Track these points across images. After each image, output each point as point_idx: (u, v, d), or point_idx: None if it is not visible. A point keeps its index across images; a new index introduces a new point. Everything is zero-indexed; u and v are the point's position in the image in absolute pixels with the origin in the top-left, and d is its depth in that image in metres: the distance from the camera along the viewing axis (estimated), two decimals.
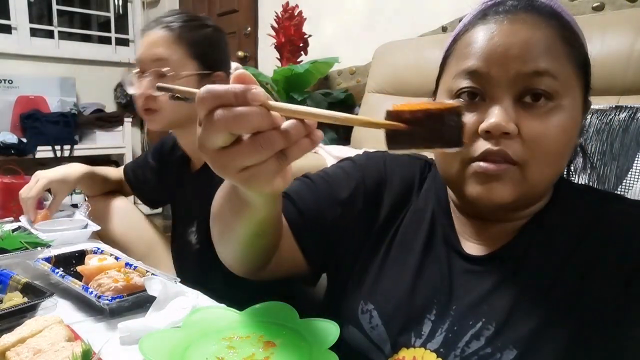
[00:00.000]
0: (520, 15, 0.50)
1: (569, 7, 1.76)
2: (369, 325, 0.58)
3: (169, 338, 0.55)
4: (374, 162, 0.68)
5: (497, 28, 0.50)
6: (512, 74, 0.49)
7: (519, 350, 0.49)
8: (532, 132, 0.48)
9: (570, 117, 0.50)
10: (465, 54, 0.52)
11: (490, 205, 0.51)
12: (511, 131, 0.48)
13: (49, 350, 0.53)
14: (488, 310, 0.52)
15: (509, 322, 0.51)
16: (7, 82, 3.45)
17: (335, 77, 2.73)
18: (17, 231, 1.01)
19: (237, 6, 3.41)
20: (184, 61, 0.97)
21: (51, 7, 3.84)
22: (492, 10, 0.52)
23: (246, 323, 0.59)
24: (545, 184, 0.52)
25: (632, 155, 1.12)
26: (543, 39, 0.49)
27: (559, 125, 0.49)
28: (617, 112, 1.20)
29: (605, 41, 1.45)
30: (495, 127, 0.47)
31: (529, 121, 0.49)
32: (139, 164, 1.29)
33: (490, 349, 0.50)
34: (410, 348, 0.55)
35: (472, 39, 0.52)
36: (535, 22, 0.50)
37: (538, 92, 0.48)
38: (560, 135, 0.49)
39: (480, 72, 0.50)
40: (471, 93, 0.51)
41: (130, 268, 0.80)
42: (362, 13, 2.56)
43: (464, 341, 0.52)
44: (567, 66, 0.50)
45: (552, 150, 0.49)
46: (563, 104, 0.49)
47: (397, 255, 0.62)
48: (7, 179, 1.23)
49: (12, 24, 3.66)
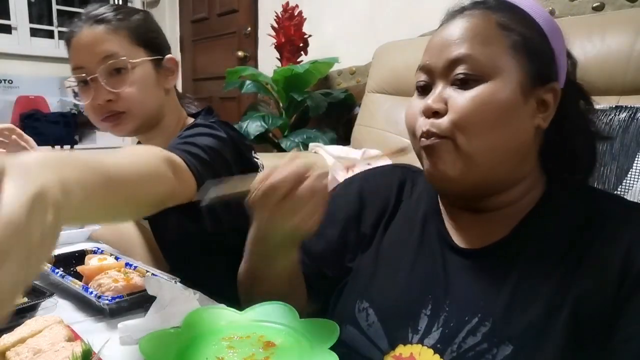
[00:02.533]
0: (467, 12, 0.58)
1: (569, 7, 1.76)
2: (365, 323, 0.59)
3: (169, 338, 0.55)
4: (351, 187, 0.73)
5: (445, 27, 0.58)
6: (443, 61, 0.56)
7: (515, 345, 0.49)
8: (454, 105, 0.54)
9: (497, 93, 0.53)
10: (423, 54, 0.60)
11: (440, 179, 0.57)
12: (439, 109, 0.55)
13: (49, 350, 0.53)
14: (484, 306, 0.53)
15: (505, 318, 0.51)
16: (7, 82, 3.46)
17: (335, 77, 2.73)
18: None
19: (237, 6, 3.41)
20: (132, 50, 0.88)
21: (51, 7, 3.84)
22: (450, 15, 0.60)
23: (246, 323, 0.59)
24: (487, 156, 0.54)
25: (632, 155, 1.12)
26: (472, 26, 0.55)
27: (479, 98, 0.53)
28: (617, 112, 1.20)
29: (605, 41, 1.45)
30: (426, 108, 0.55)
31: (455, 98, 0.55)
32: None
33: (487, 344, 0.51)
34: (408, 344, 0.56)
35: (429, 41, 0.60)
36: (474, 15, 0.57)
37: (460, 74, 0.54)
38: (480, 107, 0.53)
39: (425, 66, 0.58)
40: (424, 85, 0.59)
41: (130, 268, 0.80)
42: (362, 13, 2.56)
43: (461, 337, 0.53)
44: (499, 49, 0.54)
45: (476, 120, 0.53)
46: (490, 81, 0.54)
47: (391, 255, 0.64)
48: None
49: (12, 24, 3.67)
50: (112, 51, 0.86)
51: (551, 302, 0.50)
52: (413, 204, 0.67)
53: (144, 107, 0.89)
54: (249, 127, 2.42)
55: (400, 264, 0.62)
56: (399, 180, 0.71)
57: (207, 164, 0.73)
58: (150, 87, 0.89)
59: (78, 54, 0.87)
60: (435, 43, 0.58)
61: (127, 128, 0.91)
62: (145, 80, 0.88)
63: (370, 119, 2.20)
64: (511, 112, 0.54)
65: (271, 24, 2.62)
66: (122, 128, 0.91)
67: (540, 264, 0.53)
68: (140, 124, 0.91)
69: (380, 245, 0.66)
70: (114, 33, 0.87)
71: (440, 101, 0.55)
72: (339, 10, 2.68)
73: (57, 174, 0.36)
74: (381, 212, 0.68)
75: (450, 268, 0.58)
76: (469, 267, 0.57)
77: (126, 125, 0.90)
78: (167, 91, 0.94)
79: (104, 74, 0.86)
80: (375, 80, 2.23)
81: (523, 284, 0.53)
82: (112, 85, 0.86)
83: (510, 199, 0.58)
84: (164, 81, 0.93)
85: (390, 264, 0.63)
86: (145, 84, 0.88)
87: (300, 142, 2.37)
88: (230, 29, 3.51)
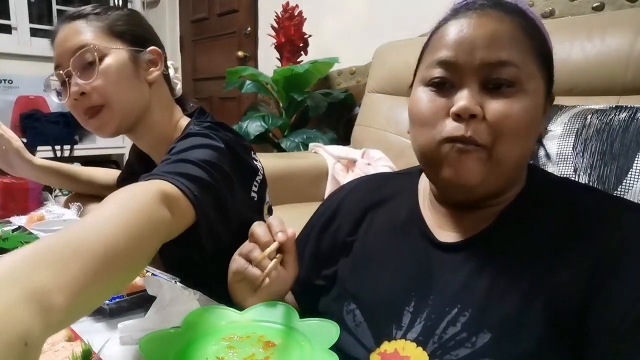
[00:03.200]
0: (487, 11, 0.55)
1: (569, 7, 1.77)
2: (353, 323, 0.61)
3: (169, 338, 0.55)
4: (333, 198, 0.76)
5: (466, 22, 0.55)
6: (478, 61, 0.53)
7: (493, 333, 0.50)
8: (496, 113, 0.52)
9: (532, 101, 0.54)
10: (438, 46, 0.57)
11: (461, 185, 0.55)
12: (477, 113, 0.52)
13: (49, 350, 0.53)
14: (464, 297, 0.54)
15: (483, 308, 0.52)
16: (7, 82, 3.46)
17: (335, 77, 2.73)
18: (17, 231, 1.01)
19: (237, 6, 3.41)
20: (106, 40, 0.85)
21: (51, 7, 3.84)
22: (463, 8, 0.57)
23: (246, 323, 0.59)
24: (512, 165, 0.54)
25: (632, 155, 1.12)
26: (507, 31, 0.54)
27: (521, 107, 0.52)
28: (617, 112, 1.20)
29: (605, 41, 1.45)
30: (464, 109, 0.52)
31: (493, 104, 0.53)
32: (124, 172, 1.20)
33: (466, 333, 0.52)
34: (392, 340, 0.57)
35: (444, 33, 0.57)
36: (500, 17, 0.55)
37: (501, 79, 0.53)
38: (522, 116, 0.52)
39: (449, 61, 0.55)
40: (442, 80, 0.56)
41: None
42: (362, 13, 2.57)
43: (441, 328, 0.54)
44: (530, 57, 0.54)
45: (514, 130, 0.52)
46: (525, 89, 0.53)
47: (375, 257, 0.65)
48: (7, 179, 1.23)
49: (12, 24, 3.67)
50: (84, 42, 0.83)
51: (528, 291, 0.51)
52: (394, 207, 0.68)
53: (121, 98, 0.85)
54: (249, 127, 2.42)
55: (384, 265, 0.63)
56: (378, 187, 0.72)
57: (205, 186, 0.70)
58: (126, 78, 0.85)
59: (56, 52, 0.87)
60: (461, 38, 0.54)
61: (109, 125, 0.87)
62: (120, 70, 0.84)
63: (370, 119, 2.20)
64: (538, 122, 0.55)
65: (271, 24, 2.62)
66: (104, 125, 0.87)
67: (519, 254, 0.54)
68: (121, 118, 0.87)
69: (363, 248, 0.67)
70: (88, 26, 0.85)
71: (477, 104, 0.52)
72: (339, 10, 2.68)
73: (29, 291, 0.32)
74: (359, 218, 0.70)
75: (433, 264, 0.59)
76: (450, 261, 0.58)
77: (107, 120, 0.86)
78: (151, 84, 0.90)
79: (77, 67, 0.83)
80: (375, 80, 2.23)
81: (501, 274, 0.54)
82: (84, 77, 0.83)
83: (510, 196, 0.59)
84: (145, 73, 0.89)
85: (375, 265, 0.64)
86: (119, 75, 0.84)
87: (300, 142, 2.38)
88: (230, 29, 3.51)
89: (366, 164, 1.98)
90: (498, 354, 0.49)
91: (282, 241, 0.60)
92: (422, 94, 0.57)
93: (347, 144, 2.29)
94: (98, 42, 0.83)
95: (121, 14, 0.90)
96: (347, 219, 0.71)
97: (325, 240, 0.72)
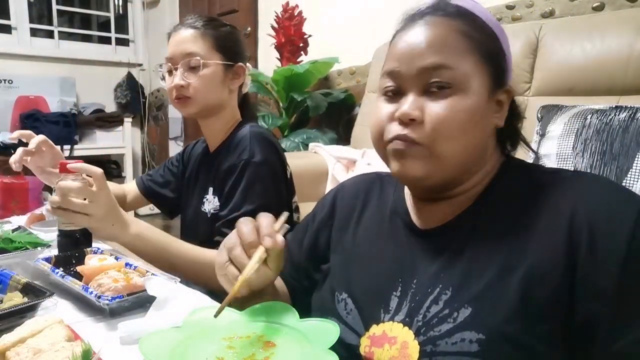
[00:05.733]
0: (428, 18, 0.60)
1: (569, 7, 1.77)
2: (345, 312, 0.65)
3: (169, 338, 0.55)
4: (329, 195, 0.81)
5: (410, 33, 0.60)
6: (416, 69, 0.58)
7: (473, 308, 0.54)
8: (432, 114, 0.57)
9: (471, 99, 0.57)
10: (388, 58, 0.63)
11: (406, 179, 0.62)
12: (416, 117, 0.57)
13: (49, 350, 0.53)
14: (445, 277, 0.58)
15: (463, 285, 0.56)
16: (7, 82, 3.45)
17: (335, 77, 2.73)
18: (17, 231, 1.01)
19: (237, 6, 3.41)
20: (210, 54, 1.12)
21: (51, 7, 3.84)
22: (409, 19, 0.63)
23: (246, 323, 0.60)
24: (456, 159, 0.58)
25: (632, 155, 1.12)
26: (440, 35, 0.58)
27: (457, 106, 0.57)
28: (617, 112, 1.20)
29: (605, 41, 1.45)
30: (403, 114, 0.58)
31: (431, 107, 0.57)
32: (157, 170, 1.38)
33: (448, 310, 0.55)
34: (380, 324, 0.60)
35: (393, 45, 0.63)
36: (437, 22, 0.59)
37: (437, 82, 0.57)
38: (458, 115, 0.56)
39: (394, 72, 0.60)
40: (392, 90, 0.61)
41: (130, 268, 0.80)
42: (362, 13, 2.57)
43: (425, 307, 0.58)
44: (467, 57, 0.58)
45: (451, 128, 0.57)
46: (462, 88, 0.57)
47: (364, 249, 0.70)
48: (7, 179, 1.23)
49: (12, 24, 3.67)
50: (193, 51, 1.10)
51: (504, 266, 0.55)
52: (382, 202, 0.73)
53: (206, 97, 1.12)
54: None
55: (372, 256, 0.68)
56: (368, 185, 0.77)
57: None
58: (214, 84, 1.12)
59: (171, 48, 1.13)
60: (403, 49, 0.60)
61: (189, 110, 1.14)
62: (212, 77, 1.12)
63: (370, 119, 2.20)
64: (480, 117, 0.59)
65: (271, 24, 2.62)
66: (186, 109, 1.14)
67: (493, 234, 0.58)
68: (200, 109, 1.14)
69: (353, 242, 0.71)
70: (199, 38, 1.11)
71: (416, 109, 0.57)
72: (339, 10, 2.68)
73: None
74: (349, 214, 0.74)
75: (416, 251, 0.64)
76: (430, 246, 0.62)
77: (189, 107, 1.13)
78: (230, 91, 1.17)
79: (185, 66, 1.10)
80: (375, 80, 2.23)
81: (478, 254, 0.58)
82: (187, 76, 1.10)
83: (471, 185, 0.63)
84: (230, 82, 1.16)
85: (364, 256, 0.69)
86: (211, 81, 1.11)
87: (300, 142, 2.37)
88: None
89: (366, 164, 1.98)
90: (478, 326, 0.53)
91: (268, 247, 0.59)
92: (378, 103, 0.63)
93: (347, 144, 2.29)
94: (204, 54, 1.11)
95: (226, 31, 1.17)
96: (340, 216, 0.76)
97: (322, 236, 0.76)
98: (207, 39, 1.12)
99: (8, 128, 3.31)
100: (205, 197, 1.16)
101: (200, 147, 1.30)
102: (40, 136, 1.15)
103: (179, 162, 1.35)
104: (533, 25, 1.67)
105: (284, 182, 1.14)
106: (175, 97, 1.14)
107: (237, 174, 1.06)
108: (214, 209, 1.13)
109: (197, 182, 1.24)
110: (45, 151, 1.14)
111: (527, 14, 1.91)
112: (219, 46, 1.13)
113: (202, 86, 1.11)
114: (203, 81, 1.10)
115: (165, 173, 1.36)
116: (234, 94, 1.20)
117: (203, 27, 1.12)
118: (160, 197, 1.35)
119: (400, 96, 0.60)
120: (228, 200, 1.07)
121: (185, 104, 1.13)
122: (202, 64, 1.10)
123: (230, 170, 1.07)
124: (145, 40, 4.36)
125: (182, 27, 1.13)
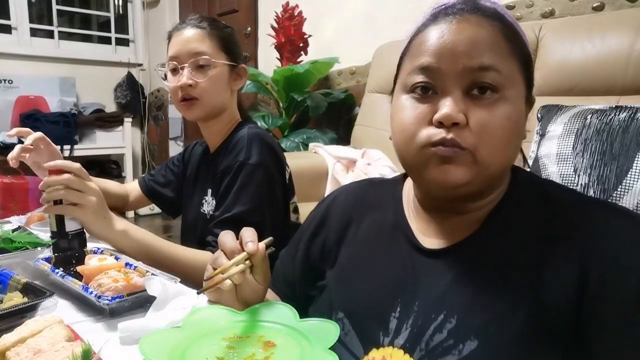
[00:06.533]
0: (466, 16, 0.55)
1: (569, 7, 1.77)
2: (342, 332, 0.60)
3: (169, 338, 0.55)
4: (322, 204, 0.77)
5: (447, 27, 0.55)
6: (460, 68, 0.53)
7: (479, 340, 0.51)
8: (479, 120, 0.53)
9: (514, 107, 0.54)
10: (419, 52, 0.57)
11: (447, 186, 0.55)
12: (460, 121, 0.52)
13: (49, 350, 0.53)
14: (450, 303, 0.54)
15: (469, 314, 0.52)
16: (7, 82, 3.45)
17: (335, 77, 2.73)
18: (17, 231, 1.01)
19: (237, 6, 3.41)
20: (217, 54, 1.11)
21: (51, 7, 3.84)
22: (442, 13, 0.57)
23: (246, 323, 0.60)
24: (496, 168, 0.55)
25: (632, 155, 1.12)
26: (487, 36, 0.54)
27: (504, 114, 0.53)
28: (617, 112, 1.20)
29: (605, 41, 1.45)
30: (447, 117, 0.52)
31: (476, 111, 0.53)
32: (158, 170, 1.38)
33: (453, 340, 0.52)
34: (380, 348, 0.57)
35: (425, 39, 0.57)
36: (479, 22, 0.55)
37: (484, 85, 0.53)
38: (504, 123, 0.53)
39: (431, 67, 0.55)
40: (424, 87, 0.56)
41: (130, 268, 0.80)
42: (362, 13, 2.56)
43: (428, 334, 0.54)
44: (511, 61, 0.55)
45: (497, 136, 0.53)
46: (507, 95, 0.54)
47: (361, 264, 0.65)
48: (7, 179, 1.23)
49: (12, 24, 3.67)
50: (203, 51, 1.09)
51: (513, 297, 0.52)
52: (380, 214, 0.68)
53: (213, 98, 1.11)
54: None
55: (371, 272, 0.63)
56: (362, 194, 0.73)
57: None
58: (221, 85, 1.12)
59: (176, 47, 1.10)
60: (442, 45, 0.54)
61: (195, 113, 1.12)
62: (220, 78, 1.11)
63: (370, 119, 2.20)
64: (520, 126, 0.56)
65: (271, 24, 2.62)
66: (192, 112, 1.11)
67: (503, 260, 0.55)
68: (207, 112, 1.12)
69: (349, 256, 0.67)
70: (207, 37, 1.10)
71: (460, 112, 0.53)
72: (339, 10, 2.68)
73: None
74: (345, 227, 0.70)
75: (419, 270, 0.59)
76: (435, 266, 0.58)
77: (195, 111, 1.11)
78: (232, 92, 1.17)
79: (192, 65, 1.08)
80: (375, 80, 2.23)
81: (486, 280, 0.54)
82: (195, 75, 1.08)
83: (490, 199, 0.59)
84: (232, 83, 1.15)
85: (361, 272, 0.64)
86: (218, 81, 1.11)
87: (300, 142, 2.37)
88: None
89: (366, 164, 1.98)
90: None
91: (250, 252, 0.60)
92: (405, 101, 0.57)
93: (347, 144, 2.29)
94: (213, 53, 1.10)
95: (229, 32, 1.16)
96: (334, 227, 0.71)
97: (314, 248, 0.72)
98: (214, 39, 1.11)
99: (8, 128, 3.30)
100: (204, 198, 1.16)
101: (200, 147, 1.29)
102: (37, 133, 1.14)
103: (180, 162, 1.34)
104: (533, 25, 1.67)
105: (280, 185, 1.12)
106: (181, 98, 1.11)
107: (232, 175, 1.05)
108: (212, 210, 1.12)
109: (196, 182, 1.24)
110: (43, 148, 1.13)
111: (527, 14, 1.91)
112: (224, 47, 1.12)
113: (209, 86, 1.09)
114: (211, 81, 1.09)
115: (167, 173, 1.35)
116: (234, 95, 1.19)
117: (209, 27, 1.11)
118: (162, 197, 1.35)
119: (434, 95, 0.55)
120: (221, 201, 1.06)
121: (191, 106, 1.10)
122: (212, 64, 1.09)
123: (226, 172, 1.07)
124: (145, 40, 4.36)
125: (187, 26, 1.11)
